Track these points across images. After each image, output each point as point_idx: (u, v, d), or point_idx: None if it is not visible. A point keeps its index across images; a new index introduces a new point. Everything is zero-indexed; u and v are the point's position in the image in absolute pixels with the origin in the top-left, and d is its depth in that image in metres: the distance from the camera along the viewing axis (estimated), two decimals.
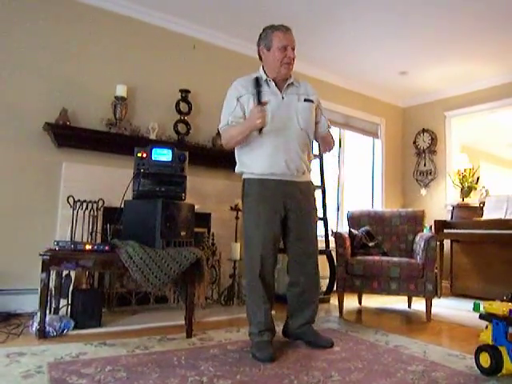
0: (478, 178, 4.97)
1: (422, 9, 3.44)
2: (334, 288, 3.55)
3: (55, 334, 2.42)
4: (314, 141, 2.53)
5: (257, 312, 2.25)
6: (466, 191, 4.90)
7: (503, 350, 1.95)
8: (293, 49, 2.29)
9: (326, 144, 2.55)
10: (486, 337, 2.05)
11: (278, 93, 2.31)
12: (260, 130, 2.21)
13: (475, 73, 4.68)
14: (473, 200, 4.82)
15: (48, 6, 3.20)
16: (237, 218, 3.67)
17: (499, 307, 2.04)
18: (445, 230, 4.48)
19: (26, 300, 2.88)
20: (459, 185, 4.95)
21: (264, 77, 2.32)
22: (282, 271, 2.39)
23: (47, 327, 2.39)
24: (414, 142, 5.58)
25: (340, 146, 5.17)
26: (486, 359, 1.99)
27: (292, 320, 2.45)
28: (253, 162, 2.29)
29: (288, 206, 2.31)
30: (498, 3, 3.31)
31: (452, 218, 4.75)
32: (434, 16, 3.54)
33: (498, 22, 3.58)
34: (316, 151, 3.69)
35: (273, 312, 2.36)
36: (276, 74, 2.31)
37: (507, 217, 4.07)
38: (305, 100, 2.34)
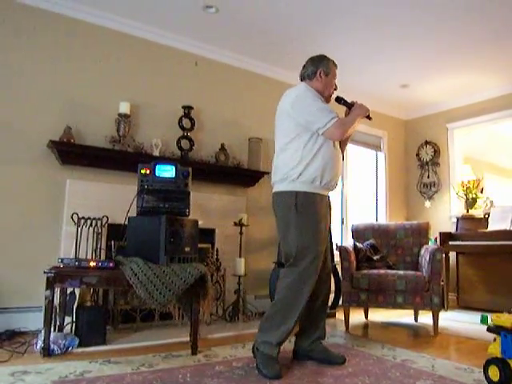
0: (482, 189, 4.95)
1: (421, 22, 3.48)
2: (340, 302, 3.52)
3: (60, 351, 2.41)
4: None
5: (287, 323, 2.19)
6: (470, 203, 4.88)
7: None
8: None
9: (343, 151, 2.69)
10: (495, 350, 2.02)
11: None
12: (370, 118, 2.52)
13: (477, 84, 4.71)
14: (477, 211, 4.79)
15: (50, 24, 3.27)
16: (241, 233, 3.67)
17: (507, 319, 2.01)
18: (450, 242, 4.45)
19: (30, 318, 2.88)
20: (463, 196, 4.94)
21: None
22: None
23: (52, 345, 2.38)
24: (417, 155, 5.58)
25: (343, 159, 5.17)
26: (495, 372, 1.96)
27: (303, 338, 2.42)
28: (318, 170, 2.27)
29: (329, 220, 2.46)
30: (499, 15, 3.35)
31: (457, 229, 4.73)
32: (434, 29, 3.59)
33: (498, 33, 3.61)
34: None
35: None
36: (325, 97, 2.45)
37: None
38: None
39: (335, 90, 2.52)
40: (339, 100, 2.54)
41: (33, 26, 3.20)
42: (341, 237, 5.01)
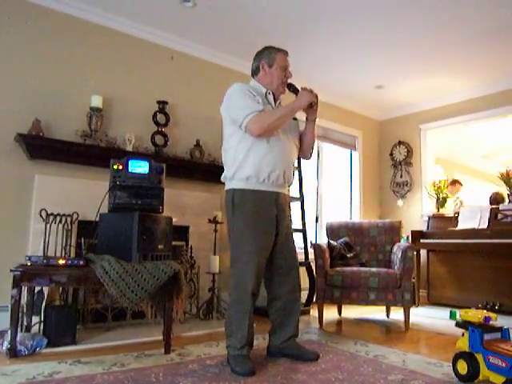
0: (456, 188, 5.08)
1: (396, 26, 3.55)
2: (314, 299, 3.54)
3: (27, 352, 2.32)
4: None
5: (241, 326, 2.19)
6: (440, 202, 5.01)
7: (479, 356, 1.97)
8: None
9: (309, 143, 2.56)
10: (463, 344, 2.08)
11: (274, 107, 2.39)
12: (312, 106, 2.33)
13: (449, 87, 4.83)
14: (448, 210, 4.92)
15: (19, 13, 3.14)
16: (215, 230, 3.64)
17: (475, 315, 2.07)
18: (421, 240, 4.55)
19: None
20: (434, 196, 5.06)
21: (264, 89, 2.38)
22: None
23: (18, 346, 2.30)
24: (391, 154, 5.69)
25: (318, 157, 5.23)
26: (463, 366, 2.02)
27: (275, 336, 2.41)
28: (253, 166, 2.23)
29: (278, 218, 2.32)
30: (470, 21, 3.45)
31: (428, 228, 4.84)
32: (408, 33, 3.66)
33: (470, 38, 3.72)
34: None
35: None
36: (274, 90, 2.40)
37: (481, 226, 4.17)
38: (293, 118, 2.46)
39: (288, 77, 2.41)
40: (289, 87, 2.42)
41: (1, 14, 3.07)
42: (315, 234, 5.05)
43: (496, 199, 4.53)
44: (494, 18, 3.39)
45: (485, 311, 2.11)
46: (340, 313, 3.87)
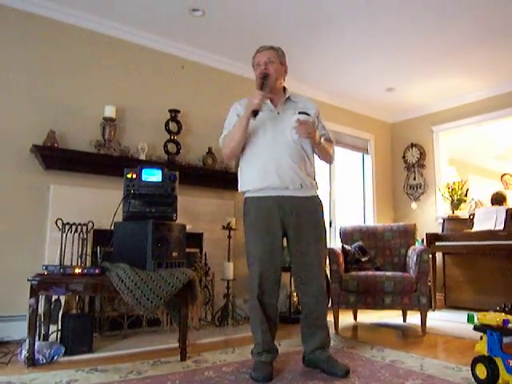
0: (467, 191, 5.02)
1: (406, 27, 3.54)
2: (329, 305, 3.52)
3: (45, 361, 2.36)
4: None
5: (256, 332, 2.21)
6: (455, 204, 4.94)
7: (498, 360, 1.94)
8: (267, 63, 2.35)
9: (322, 154, 2.58)
10: (481, 348, 2.04)
11: (274, 109, 2.32)
12: (255, 115, 2.14)
13: (461, 87, 4.79)
14: (463, 212, 4.86)
15: (34, 26, 3.22)
16: (229, 237, 3.65)
17: (493, 318, 2.04)
18: (436, 243, 4.50)
19: (13, 327, 2.81)
20: (449, 198, 5.00)
21: None
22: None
23: (36, 354, 2.33)
24: (403, 157, 5.64)
25: (329, 162, 5.19)
26: (482, 370, 1.98)
27: (304, 345, 2.32)
28: (248, 177, 2.30)
29: (286, 222, 2.24)
30: (483, 21, 3.43)
31: (443, 230, 4.78)
32: (419, 34, 3.65)
33: (482, 37, 3.70)
34: None
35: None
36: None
37: (497, 227, 4.10)
38: (299, 113, 2.31)
39: (260, 73, 2.32)
40: (262, 80, 2.28)
41: (16, 28, 3.14)
42: (329, 239, 5.03)
43: (497, 199, 4.47)
44: (505, 16, 3.35)
45: (503, 314, 2.07)
46: (355, 318, 3.84)
